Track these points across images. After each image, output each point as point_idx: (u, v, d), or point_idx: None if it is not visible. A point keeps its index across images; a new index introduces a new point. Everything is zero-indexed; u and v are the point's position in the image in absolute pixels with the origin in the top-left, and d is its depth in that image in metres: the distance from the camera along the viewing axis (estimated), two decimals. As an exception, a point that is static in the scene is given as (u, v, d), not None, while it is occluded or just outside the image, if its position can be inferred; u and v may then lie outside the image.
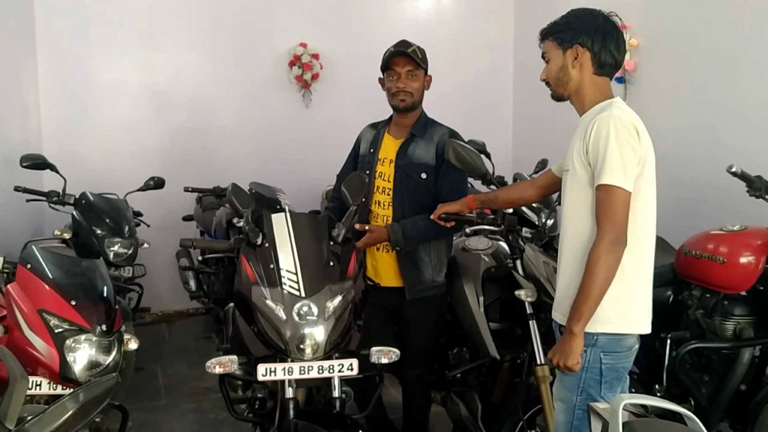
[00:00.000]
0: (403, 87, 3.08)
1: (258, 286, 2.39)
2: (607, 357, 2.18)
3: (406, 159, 3.11)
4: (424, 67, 3.12)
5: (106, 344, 2.38)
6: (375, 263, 3.17)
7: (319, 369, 2.32)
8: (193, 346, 5.33)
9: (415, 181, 3.09)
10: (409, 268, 3.10)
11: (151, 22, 5.67)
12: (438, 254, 3.14)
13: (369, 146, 3.24)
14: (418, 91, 3.11)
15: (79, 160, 5.22)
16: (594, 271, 2.09)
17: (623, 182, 2.08)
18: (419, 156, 3.10)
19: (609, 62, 2.27)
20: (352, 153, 3.35)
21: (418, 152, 3.11)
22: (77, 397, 1.22)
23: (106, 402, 1.28)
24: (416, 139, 3.13)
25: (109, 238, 3.98)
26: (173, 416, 4.08)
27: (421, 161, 3.09)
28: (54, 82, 5.46)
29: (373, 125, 3.33)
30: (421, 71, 3.12)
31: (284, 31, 5.99)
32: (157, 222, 5.09)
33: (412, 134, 3.14)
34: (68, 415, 1.19)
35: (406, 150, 3.13)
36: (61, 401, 1.22)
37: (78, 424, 1.23)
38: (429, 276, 3.12)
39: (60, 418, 1.18)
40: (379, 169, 3.17)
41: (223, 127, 5.92)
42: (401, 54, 3.07)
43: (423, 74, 3.13)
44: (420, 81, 3.11)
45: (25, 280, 2.44)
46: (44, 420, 1.17)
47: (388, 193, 3.14)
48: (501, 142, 6.40)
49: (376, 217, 3.17)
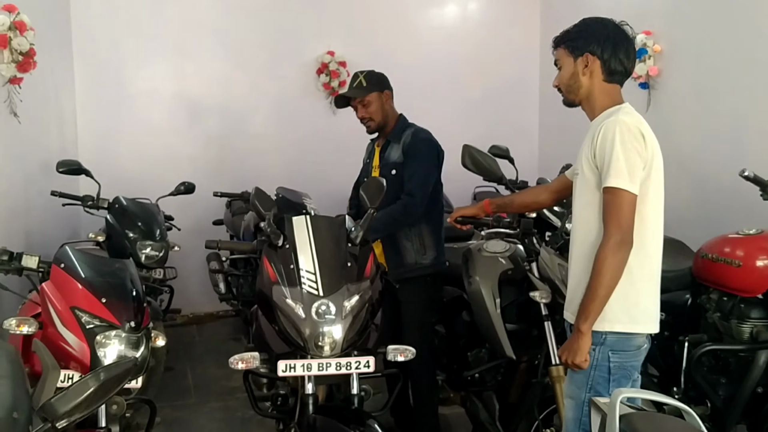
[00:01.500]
0: (361, 116, 3.49)
1: (279, 285, 2.48)
2: (615, 355, 2.23)
3: (383, 161, 3.51)
4: (369, 89, 3.43)
5: (135, 340, 2.49)
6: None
7: (336, 366, 2.41)
8: (222, 347, 5.44)
9: (388, 178, 3.29)
10: (392, 254, 3.43)
11: (183, 32, 5.85)
12: (420, 239, 3.41)
13: (366, 156, 3.71)
14: (377, 113, 3.46)
15: (113, 166, 5.38)
16: (600, 271, 2.15)
17: (629, 185, 2.14)
18: (392, 157, 3.46)
19: (618, 70, 2.32)
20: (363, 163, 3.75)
21: (392, 154, 3.47)
22: (98, 375, 1.32)
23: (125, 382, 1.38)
24: (391, 144, 3.49)
25: (140, 241, 4.12)
26: (201, 414, 4.19)
27: (393, 161, 3.45)
28: (90, 90, 5.65)
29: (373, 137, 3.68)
30: (372, 95, 3.43)
31: (312, 39, 6.12)
32: (189, 226, 5.22)
33: (388, 140, 3.51)
34: (89, 392, 1.29)
35: (383, 155, 3.52)
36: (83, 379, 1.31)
37: (99, 401, 1.32)
38: (411, 259, 3.41)
39: (82, 395, 1.28)
40: (374, 173, 3.53)
41: (252, 134, 6.07)
42: (341, 98, 3.52)
43: (376, 96, 3.44)
44: (374, 104, 3.44)
45: (59, 279, 2.56)
46: (67, 396, 1.27)
47: None
48: (527, 147, 6.43)
49: None
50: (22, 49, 3.78)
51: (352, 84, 3.51)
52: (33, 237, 4.38)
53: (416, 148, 3.38)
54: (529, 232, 2.95)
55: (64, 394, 1.28)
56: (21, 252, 2.66)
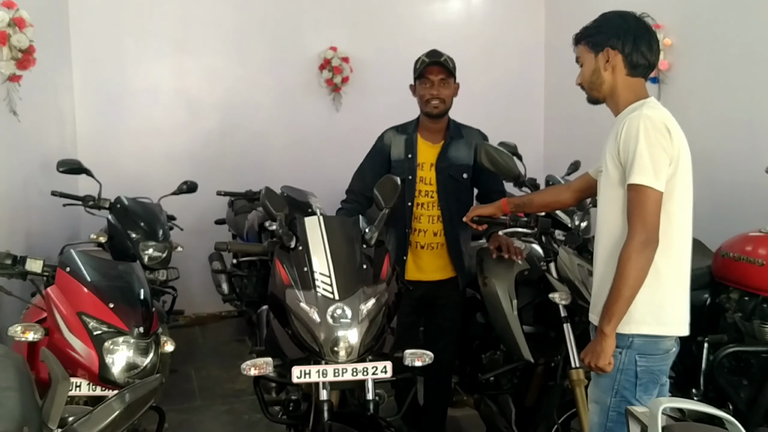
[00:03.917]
0: (436, 94, 3.22)
1: (292, 289, 2.40)
2: (643, 359, 2.16)
3: (447, 162, 3.27)
4: (454, 76, 3.26)
5: (144, 346, 2.41)
6: (418, 260, 3.32)
7: (353, 371, 2.33)
8: (226, 348, 5.38)
9: (457, 181, 3.28)
10: (459, 260, 3.31)
11: (183, 29, 5.75)
12: (467, 243, 3.37)
13: (405, 151, 3.32)
14: (449, 98, 3.27)
15: (113, 165, 5.28)
16: (624, 272, 2.08)
17: (654, 182, 2.07)
18: (460, 158, 3.28)
19: (641, 63, 2.25)
20: (376, 156, 3.41)
21: (458, 154, 3.28)
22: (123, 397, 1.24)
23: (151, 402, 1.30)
24: (454, 142, 3.29)
25: (143, 241, 4.05)
26: (208, 418, 4.12)
27: (462, 162, 3.28)
28: (89, 88, 5.55)
29: (397, 129, 3.40)
30: (452, 79, 3.27)
31: (315, 34, 6.03)
32: (190, 225, 5.13)
33: (450, 138, 3.29)
34: (115, 416, 1.21)
35: (446, 153, 3.28)
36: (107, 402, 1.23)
37: (124, 425, 1.24)
38: (468, 264, 3.35)
39: (106, 419, 1.20)
40: (420, 174, 3.28)
41: (254, 131, 5.97)
42: (435, 63, 3.21)
43: (453, 82, 3.27)
44: (451, 89, 3.27)
45: (65, 283, 2.47)
46: (91, 420, 1.19)
47: (431, 196, 3.29)
48: (532, 144, 6.36)
49: (420, 218, 3.31)
50: (21, 46, 3.68)
51: (438, 57, 3.20)
52: (34, 238, 4.30)
53: None
54: (546, 231, 2.88)
55: (88, 418, 1.20)
56: (25, 255, 2.57)
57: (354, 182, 3.43)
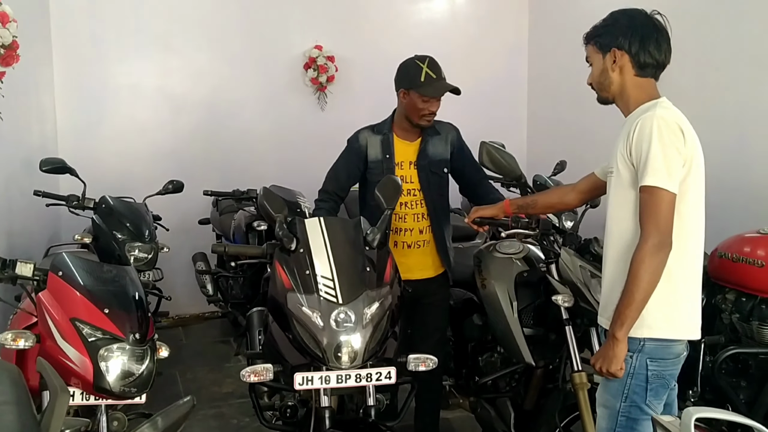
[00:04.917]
0: (434, 110, 3.17)
1: (294, 292, 2.35)
2: (654, 363, 2.13)
3: (427, 159, 3.23)
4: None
5: (140, 353, 2.32)
6: (405, 259, 3.19)
7: (356, 378, 2.29)
8: (211, 350, 5.30)
9: (439, 176, 3.26)
10: (446, 256, 3.29)
11: (166, 25, 5.64)
12: (450, 239, 3.36)
13: (381, 151, 3.23)
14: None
15: (95, 164, 5.15)
16: (637, 275, 2.05)
17: (667, 183, 2.04)
18: (438, 153, 3.25)
19: (650, 63, 2.23)
20: (351, 157, 3.30)
21: (437, 150, 3.25)
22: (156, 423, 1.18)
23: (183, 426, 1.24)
24: (430, 139, 3.25)
25: (129, 242, 3.96)
26: (195, 422, 4.00)
27: (442, 157, 3.25)
28: (70, 86, 5.42)
29: (372, 129, 3.31)
30: None
31: (299, 33, 5.97)
32: (173, 225, 5.03)
33: (427, 135, 3.25)
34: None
35: (425, 151, 3.24)
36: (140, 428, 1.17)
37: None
38: (453, 258, 3.34)
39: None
40: (399, 172, 3.21)
41: (239, 130, 5.89)
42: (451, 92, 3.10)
43: None
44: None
45: (57, 288, 2.37)
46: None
47: (414, 194, 3.23)
48: (516, 143, 6.29)
49: (404, 217, 3.23)
50: (4, 41, 3.56)
51: (441, 73, 3.13)
52: (16, 239, 4.19)
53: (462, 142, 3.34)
54: (547, 232, 2.84)
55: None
56: (15, 259, 2.47)
57: (328, 183, 3.35)
